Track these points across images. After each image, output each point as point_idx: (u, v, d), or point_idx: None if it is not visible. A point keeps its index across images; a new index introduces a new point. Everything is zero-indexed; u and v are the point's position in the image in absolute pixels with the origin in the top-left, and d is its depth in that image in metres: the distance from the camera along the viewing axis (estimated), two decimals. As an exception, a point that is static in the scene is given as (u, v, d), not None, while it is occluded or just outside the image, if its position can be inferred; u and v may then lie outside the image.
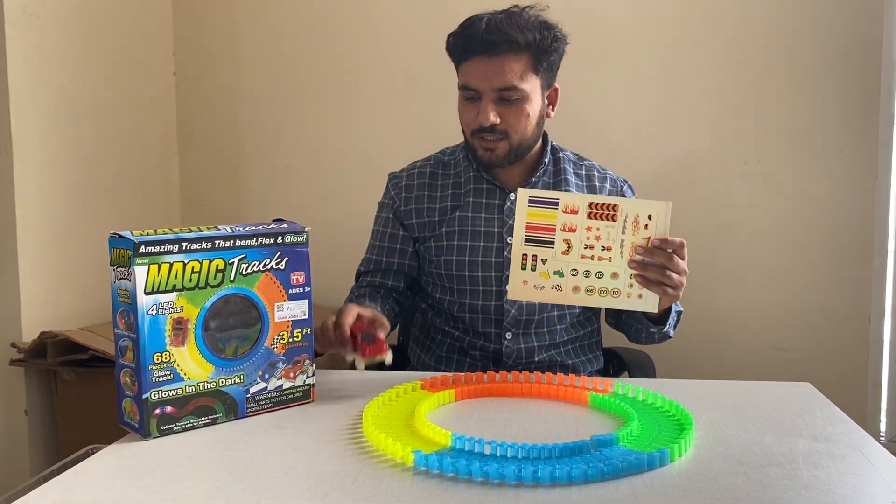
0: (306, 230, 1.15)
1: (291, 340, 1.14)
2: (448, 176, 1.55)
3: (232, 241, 1.07)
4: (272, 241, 1.11)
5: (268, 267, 1.11)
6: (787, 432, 1.04)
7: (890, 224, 2.12)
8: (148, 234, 1.01)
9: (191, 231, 1.05)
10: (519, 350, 1.48)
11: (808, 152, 2.19)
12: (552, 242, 1.23)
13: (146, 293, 1.00)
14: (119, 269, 1.02)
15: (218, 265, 1.06)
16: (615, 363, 1.64)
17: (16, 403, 1.89)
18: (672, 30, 2.22)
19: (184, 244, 1.03)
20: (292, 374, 1.15)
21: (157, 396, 1.02)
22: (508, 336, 1.48)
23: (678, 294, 1.25)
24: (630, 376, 1.55)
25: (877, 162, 2.13)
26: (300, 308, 1.15)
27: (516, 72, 1.38)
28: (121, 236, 1.00)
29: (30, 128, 1.86)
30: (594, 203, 1.21)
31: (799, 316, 2.22)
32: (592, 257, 1.23)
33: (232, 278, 1.07)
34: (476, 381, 1.23)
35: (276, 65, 2.42)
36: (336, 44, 2.38)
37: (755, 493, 0.85)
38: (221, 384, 1.08)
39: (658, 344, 1.50)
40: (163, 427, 1.02)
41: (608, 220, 1.21)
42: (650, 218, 1.21)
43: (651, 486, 0.87)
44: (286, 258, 1.13)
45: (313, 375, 1.17)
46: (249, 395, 1.10)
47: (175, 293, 1.02)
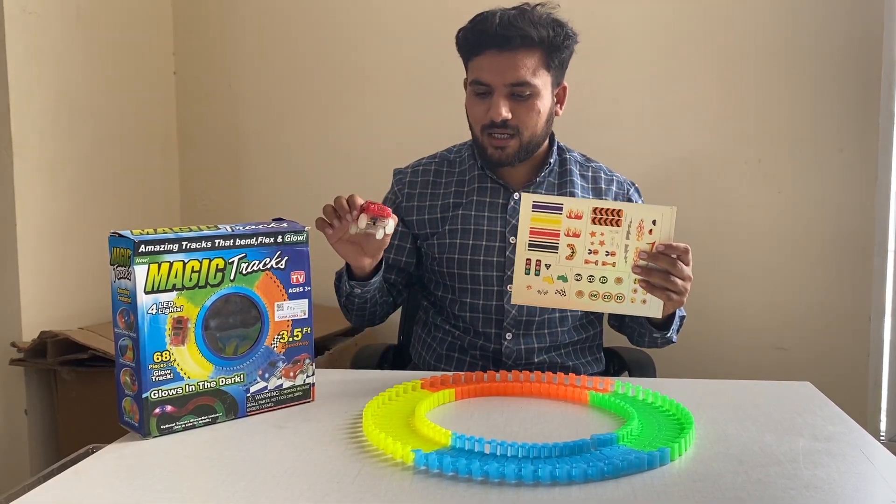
0: (306, 229, 1.15)
1: (291, 340, 1.14)
2: (452, 174, 1.55)
3: (232, 241, 1.07)
4: (272, 241, 1.11)
5: (268, 266, 1.11)
6: (788, 432, 1.04)
7: (890, 224, 2.12)
8: (148, 234, 1.01)
9: (191, 230, 1.05)
10: (519, 351, 1.48)
11: (808, 152, 2.19)
12: (556, 247, 1.23)
13: (146, 292, 1.00)
14: (119, 269, 1.02)
15: (218, 264, 1.06)
16: (615, 363, 1.64)
17: (16, 403, 1.89)
18: (672, 30, 2.23)
19: (184, 243, 1.03)
20: (292, 374, 1.15)
21: (157, 396, 1.02)
22: (509, 336, 1.48)
23: (682, 300, 1.26)
24: (630, 376, 1.55)
25: (877, 162, 2.13)
26: (300, 307, 1.15)
27: (529, 67, 1.38)
28: (121, 235, 1.00)
29: (30, 128, 1.86)
30: (598, 208, 1.22)
31: (799, 316, 2.22)
32: (597, 262, 1.23)
33: (232, 277, 1.07)
34: (476, 381, 1.23)
35: (276, 65, 2.42)
36: (336, 43, 2.38)
37: (755, 493, 0.85)
38: (221, 383, 1.07)
39: (661, 348, 1.50)
40: (163, 426, 1.02)
41: (612, 226, 1.22)
42: (654, 223, 1.21)
43: (651, 486, 0.87)
44: (286, 257, 1.13)
45: (313, 375, 1.17)
46: (249, 395, 1.10)
47: (175, 292, 1.02)
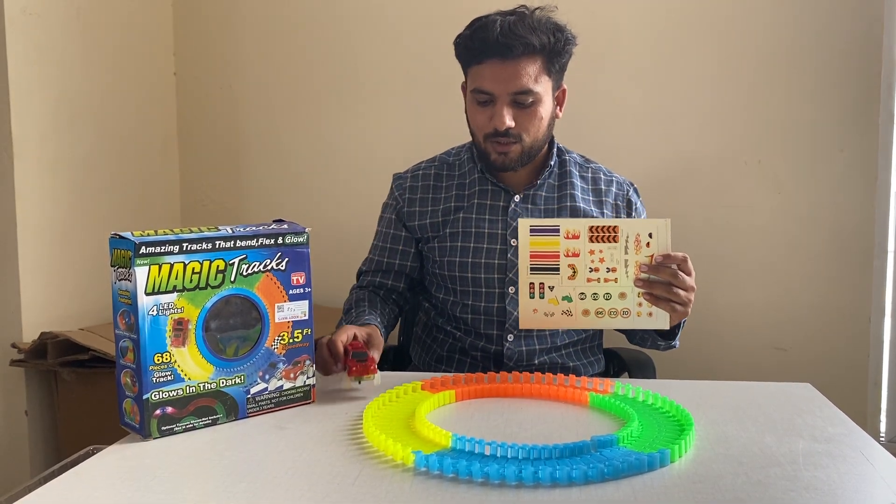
0: (307, 231, 1.15)
1: (292, 341, 1.14)
2: (452, 177, 1.55)
3: (232, 242, 1.07)
4: (273, 242, 1.11)
5: (268, 267, 1.11)
6: (787, 433, 1.04)
7: (890, 224, 2.12)
8: (148, 235, 1.01)
9: (191, 232, 1.05)
10: (520, 352, 1.48)
11: (808, 152, 2.19)
12: (557, 269, 1.26)
13: (147, 294, 1.00)
14: (120, 270, 1.02)
15: (218, 266, 1.06)
16: (615, 364, 1.64)
17: (16, 404, 1.89)
18: (672, 30, 2.23)
19: (184, 245, 1.03)
20: (293, 375, 1.15)
21: (158, 397, 1.02)
22: (510, 338, 1.48)
23: (687, 310, 1.27)
24: (630, 377, 1.55)
25: (877, 162, 2.13)
26: (301, 309, 1.15)
27: (531, 75, 1.38)
28: (121, 237, 1.00)
29: (30, 128, 1.87)
30: (594, 227, 1.24)
31: (799, 316, 2.22)
32: (599, 280, 1.25)
33: (232, 279, 1.08)
34: (476, 382, 1.23)
35: (277, 65, 2.42)
36: (337, 43, 2.38)
37: (755, 494, 0.85)
38: (222, 385, 1.08)
39: (663, 352, 1.51)
40: (163, 428, 1.03)
41: (610, 242, 1.24)
42: (651, 236, 1.23)
43: (651, 487, 0.87)
44: (287, 259, 1.13)
45: (314, 376, 1.17)
46: (250, 396, 1.10)
47: (175, 294, 1.02)
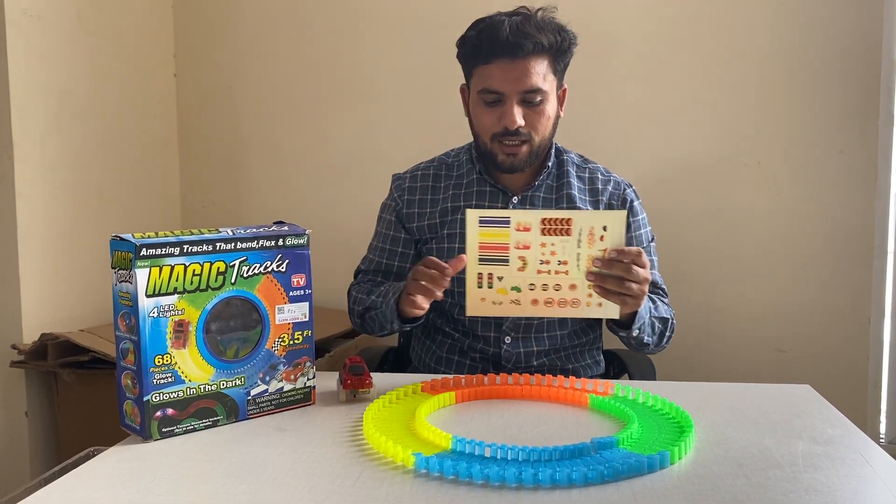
0: (307, 232, 1.16)
1: (292, 343, 1.14)
2: (451, 178, 1.55)
3: (233, 244, 1.08)
4: (273, 244, 1.11)
5: (269, 269, 1.11)
6: (787, 434, 1.04)
7: (890, 224, 2.12)
8: (149, 237, 1.01)
9: (192, 233, 1.05)
10: (518, 354, 1.48)
11: (808, 154, 2.19)
12: (507, 260, 1.24)
13: (147, 296, 1.00)
14: (120, 272, 1.02)
15: (219, 267, 1.06)
16: (615, 365, 1.64)
17: (16, 405, 1.89)
18: (672, 31, 2.23)
19: (185, 247, 1.03)
20: (293, 377, 1.15)
21: (158, 399, 1.02)
22: (508, 340, 1.48)
23: (639, 302, 1.27)
24: (630, 379, 1.55)
25: (877, 162, 2.13)
26: (301, 310, 1.15)
27: (540, 73, 1.39)
28: (122, 239, 1.01)
29: (30, 129, 1.87)
30: (547, 219, 1.22)
31: (799, 317, 2.22)
32: (549, 272, 1.24)
33: (233, 281, 1.08)
34: (476, 384, 1.23)
35: (277, 65, 2.42)
36: (337, 44, 2.38)
37: (755, 496, 0.85)
38: (222, 386, 1.08)
39: (647, 351, 1.49)
40: (164, 429, 1.03)
41: (563, 235, 1.22)
42: (605, 229, 1.21)
43: (651, 489, 0.87)
44: (287, 260, 1.13)
45: (314, 378, 1.18)
46: (250, 398, 1.11)
47: (176, 296, 1.02)
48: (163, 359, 1.02)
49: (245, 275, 1.09)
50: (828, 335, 2.20)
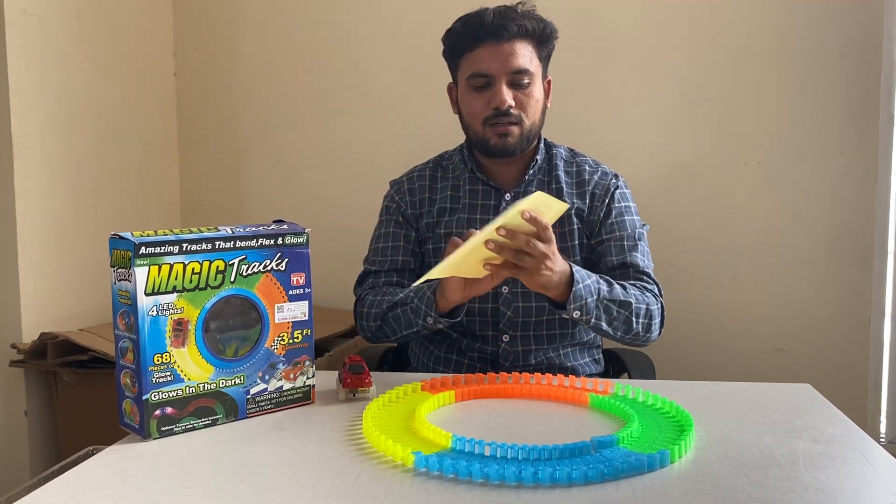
0: (306, 231, 1.15)
1: (292, 341, 1.14)
2: (447, 178, 1.56)
3: (232, 242, 1.07)
4: (272, 242, 1.11)
5: (268, 268, 1.11)
6: (787, 434, 1.04)
7: (890, 224, 2.12)
8: (148, 235, 1.01)
9: (191, 232, 1.05)
10: (516, 352, 1.48)
11: (808, 154, 2.19)
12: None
13: (146, 294, 1.00)
14: (119, 271, 1.02)
15: (218, 266, 1.06)
16: (615, 364, 1.64)
17: (16, 404, 1.89)
18: (672, 30, 2.23)
19: (184, 245, 1.03)
20: (292, 376, 1.15)
21: (158, 397, 1.02)
22: (505, 338, 1.48)
23: (541, 278, 1.23)
24: (630, 378, 1.55)
25: (877, 162, 2.13)
26: (300, 309, 1.15)
27: (525, 55, 1.43)
28: (121, 237, 1.00)
29: (30, 128, 1.87)
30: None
31: (799, 317, 2.22)
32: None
33: (232, 279, 1.08)
34: (476, 383, 1.23)
35: (276, 65, 2.42)
36: (336, 44, 2.38)
37: (755, 495, 0.85)
38: (222, 385, 1.08)
39: (617, 339, 1.43)
40: (163, 428, 1.03)
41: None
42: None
43: (651, 488, 0.87)
44: (286, 259, 1.13)
45: (313, 377, 1.17)
46: (250, 397, 1.10)
47: (175, 294, 1.02)
48: (162, 357, 1.02)
49: (244, 273, 1.09)
50: (828, 335, 2.20)
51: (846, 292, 2.19)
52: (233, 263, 1.07)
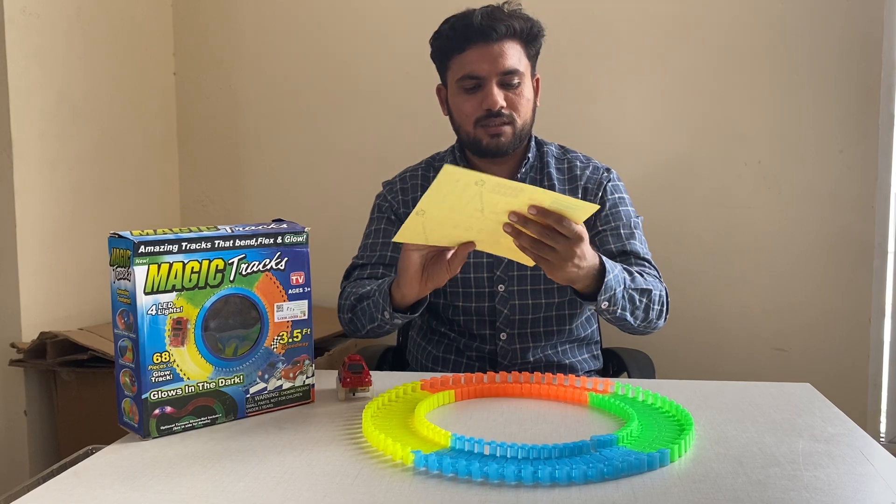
0: (306, 230, 1.15)
1: (291, 341, 1.14)
2: None
3: (231, 242, 1.07)
4: (272, 242, 1.11)
5: (267, 267, 1.11)
6: (787, 433, 1.04)
7: (890, 225, 2.12)
8: (147, 234, 1.01)
9: (190, 231, 1.05)
10: (514, 350, 1.48)
11: (809, 153, 2.19)
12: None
13: (146, 293, 1.00)
14: (119, 269, 1.02)
15: (218, 265, 1.06)
16: (614, 363, 1.64)
17: (15, 404, 1.89)
18: (672, 30, 2.23)
19: (183, 244, 1.03)
20: (292, 375, 1.14)
21: (157, 396, 1.02)
22: (503, 337, 1.48)
23: (567, 273, 1.18)
24: (629, 377, 1.55)
25: (877, 163, 2.13)
26: (300, 308, 1.15)
27: (515, 56, 1.43)
28: (120, 236, 1.00)
29: (30, 128, 1.87)
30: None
31: (799, 316, 2.22)
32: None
33: (231, 278, 1.07)
34: (476, 382, 1.23)
35: (276, 65, 2.42)
36: (336, 44, 2.38)
37: (755, 494, 0.85)
38: (221, 384, 1.07)
39: (631, 329, 1.40)
40: (162, 427, 1.02)
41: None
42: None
43: (651, 487, 0.87)
44: (286, 258, 1.13)
45: (313, 376, 1.17)
46: (249, 396, 1.10)
47: (175, 293, 1.02)
48: (161, 356, 1.02)
49: (244, 272, 1.09)
50: (828, 334, 2.20)
51: (846, 292, 2.19)
52: (232, 262, 1.07)
